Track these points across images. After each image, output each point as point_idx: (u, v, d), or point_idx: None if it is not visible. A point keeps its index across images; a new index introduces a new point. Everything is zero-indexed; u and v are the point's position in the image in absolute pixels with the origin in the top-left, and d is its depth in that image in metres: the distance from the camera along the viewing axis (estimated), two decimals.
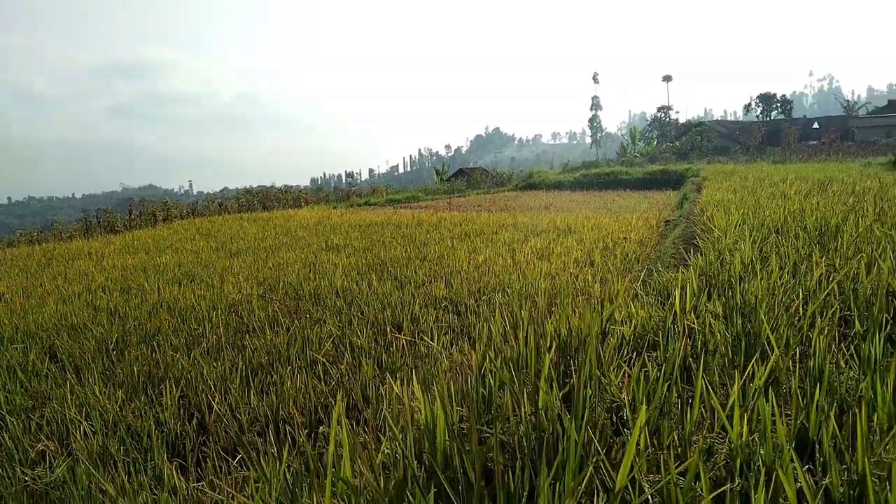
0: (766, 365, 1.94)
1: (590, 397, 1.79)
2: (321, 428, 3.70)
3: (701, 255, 4.88)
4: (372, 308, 6.56)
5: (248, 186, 36.62)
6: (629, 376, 2.19)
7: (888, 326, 2.77)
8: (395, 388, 2.02)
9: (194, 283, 8.65)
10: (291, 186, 36.81)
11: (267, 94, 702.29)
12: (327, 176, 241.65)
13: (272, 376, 4.62)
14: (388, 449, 1.88)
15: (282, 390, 4.25)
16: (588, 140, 65.32)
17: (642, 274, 5.43)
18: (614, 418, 2.09)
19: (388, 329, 5.85)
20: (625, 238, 10.41)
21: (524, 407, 1.75)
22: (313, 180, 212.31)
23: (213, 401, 4.11)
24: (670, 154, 45.16)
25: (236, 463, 3.22)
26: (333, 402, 4.08)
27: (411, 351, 5.29)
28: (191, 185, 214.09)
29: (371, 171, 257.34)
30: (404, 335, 5.66)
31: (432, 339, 5.38)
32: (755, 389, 1.82)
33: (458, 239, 12.08)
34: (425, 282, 7.94)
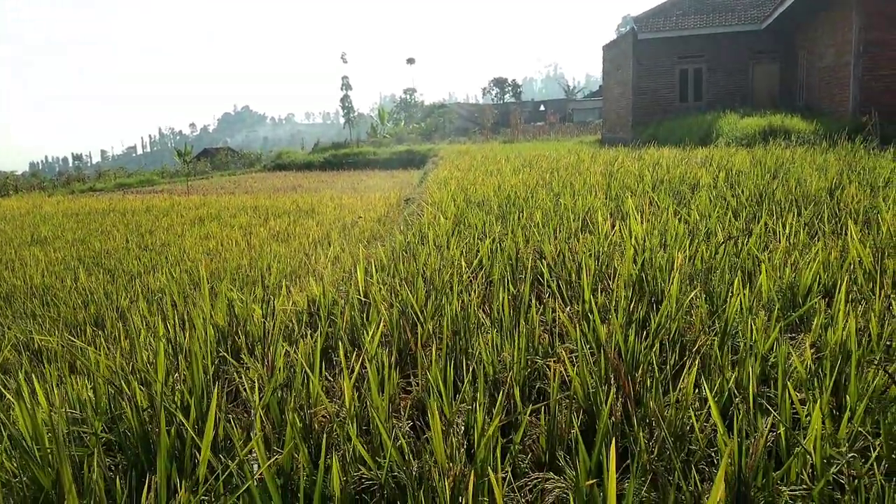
0: (378, 331, 2.09)
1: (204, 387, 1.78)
2: None
3: (400, 230, 5.13)
4: (70, 306, 5.90)
5: None
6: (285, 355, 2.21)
7: (519, 284, 3.15)
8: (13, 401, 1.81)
9: None
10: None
11: None
12: (50, 159, 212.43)
13: None
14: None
15: None
16: (342, 120, 65.43)
17: (366, 250, 5.59)
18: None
19: (88, 328, 5.31)
20: (359, 217, 10.66)
21: (140, 404, 1.68)
22: (32, 164, 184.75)
23: None
24: (416, 135, 47.11)
25: None
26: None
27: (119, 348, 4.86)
28: None
29: (104, 152, 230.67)
30: (108, 333, 5.19)
31: (138, 337, 4.99)
32: (373, 356, 1.96)
33: (191, 225, 11.43)
34: (142, 273, 7.36)
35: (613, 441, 1.27)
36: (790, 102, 20.79)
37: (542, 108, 70.84)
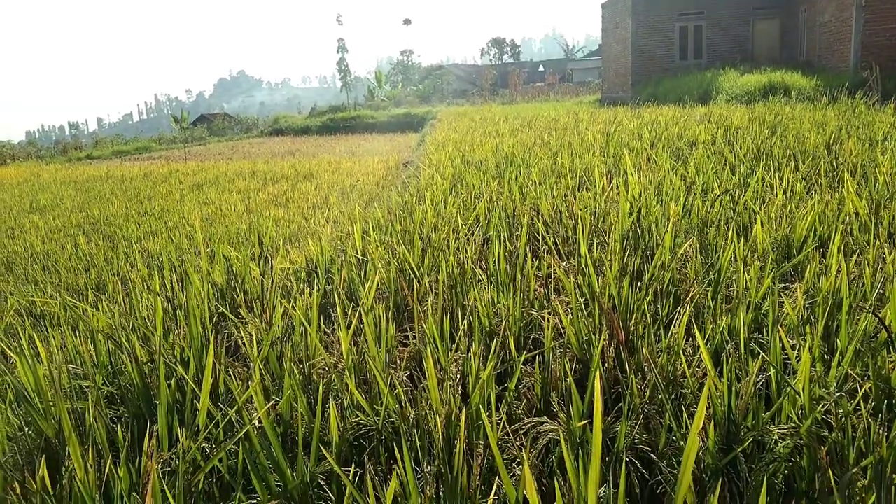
0: (374, 284, 2.11)
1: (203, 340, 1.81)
2: None
3: (398, 191, 5.12)
4: (72, 272, 5.94)
5: None
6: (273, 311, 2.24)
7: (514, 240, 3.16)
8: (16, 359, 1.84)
9: None
10: None
11: None
12: (46, 128, 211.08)
13: None
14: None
15: None
16: (339, 84, 64.69)
17: (365, 212, 5.60)
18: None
19: (90, 293, 5.35)
20: (358, 181, 10.63)
21: (140, 357, 1.71)
22: (28, 133, 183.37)
23: None
24: (414, 97, 46.62)
25: None
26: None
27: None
28: None
29: (100, 120, 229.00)
30: (110, 296, 5.25)
31: (140, 297, 5.04)
32: (369, 309, 1.98)
33: (189, 190, 11.44)
34: (142, 238, 7.39)
35: (603, 375, 1.30)
36: (791, 58, 20.52)
37: (541, 68, 69.95)
